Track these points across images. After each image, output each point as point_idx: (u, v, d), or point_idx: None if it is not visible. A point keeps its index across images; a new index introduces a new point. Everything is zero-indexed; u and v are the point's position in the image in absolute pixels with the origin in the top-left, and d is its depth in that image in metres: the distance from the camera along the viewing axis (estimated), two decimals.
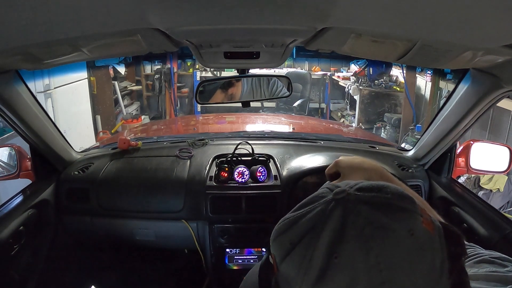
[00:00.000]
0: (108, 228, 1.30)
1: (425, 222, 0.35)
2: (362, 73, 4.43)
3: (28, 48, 0.68)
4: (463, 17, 0.53)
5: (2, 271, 1.04)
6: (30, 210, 1.14)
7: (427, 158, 1.33)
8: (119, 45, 0.78)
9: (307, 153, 1.36)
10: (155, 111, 5.14)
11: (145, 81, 5.12)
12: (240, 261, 1.25)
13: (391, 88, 4.29)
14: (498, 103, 1.03)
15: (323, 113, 5.25)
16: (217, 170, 1.28)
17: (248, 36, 0.76)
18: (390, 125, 4.08)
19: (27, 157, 1.29)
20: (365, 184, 0.38)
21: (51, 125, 1.20)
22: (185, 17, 0.59)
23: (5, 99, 0.98)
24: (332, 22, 0.62)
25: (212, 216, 1.23)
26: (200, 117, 3.63)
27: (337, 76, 5.07)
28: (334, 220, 0.35)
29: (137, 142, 1.45)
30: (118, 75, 4.54)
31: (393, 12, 0.55)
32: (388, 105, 4.34)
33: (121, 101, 4.54)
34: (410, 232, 0.34)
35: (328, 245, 0.34)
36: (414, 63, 0.87)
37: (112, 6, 0.52)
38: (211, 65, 1.01)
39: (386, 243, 0.33)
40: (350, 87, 4.42)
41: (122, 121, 4.41)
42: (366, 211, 0.35)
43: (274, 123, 2.46)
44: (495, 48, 0.66)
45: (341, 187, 0.38)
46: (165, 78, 4.98)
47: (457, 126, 1.12)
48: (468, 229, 1.10)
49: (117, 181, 1.29)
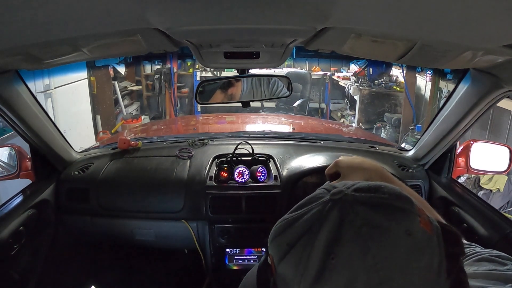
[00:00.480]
0: (108, 228, 1.30)
1: (423, 222, 0.35)
2: (362, 73, 4.44)
3: (28, 48, 0.68)
4: (463, 17, 0.53)
5: (2, 271, 1.04)
6: (30, 210, 1.14)
7: (427, 158, 1.33)
8: (119, 45, 0.78)
9: (307, 153, 1.36)
10: (155, 111, 5.14)
11: (145, 81, 5.12)
12: (240, 261, 1.25)
13: (391, 88, 4.29)
14: (498, 103, 1.03)
15: (323, 113, 5.25)
16: (217, 170, 1.28)
17: (248, 36, 0.76)
18: (390, 125, 4.08)
19: (27, 157, 1.29)
20: (362, 185, 0.38)
21: (51, 125, 1.20)
22: (185, 17, 0.59)
23: (5, 99, 0.98)
24: (332, 22, 0.62)
25: (212, 216, 1.23)
26: (200, 117, 3.63)
27: (337, 76, 5.07)
28: (331, 221, 0.35)
29: (137, 142, 1.45)
30: (118, 75, 4.54)
31: (393, 12, 0.55)
32: (388, 105, 4.34)
33: (121, 101, 4.54)
34: (407, 232, 0.34)
35: (325, 246, 0.34)
36: (414, 63, 0.87)
37: (112, 6, 0.52)
38: (211, 65, 1.01)
39: (383, 244, 0.33)
40: (350, 87, 4.43)
41: (122, 121, 4.41)
42: (363, 211, 0.35)
43: (274, 123, 2.46)
44: (495, 48, 0.66)
45: (338, 188, 0.38)
46: (165, 78, 4.98)
47: (457, 126, 1.12)
48: (468, 229, 1.10)
49: (117, 181, 1.29)
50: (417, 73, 3.98)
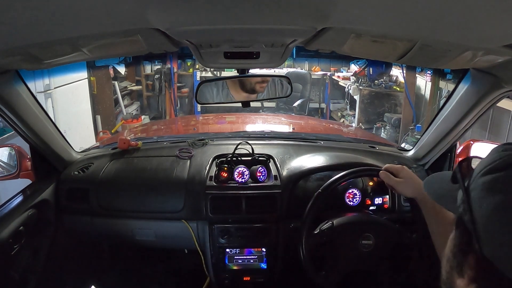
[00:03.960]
0: (108, 228, 1.30)
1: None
2: (362, 73, 4.43)
3: (28, 48, 0.68)
4: (463, 17, 0.53)
5: (2, 271, 1.04)
6: (30, 210, 1.14)
7: (427, 158, 1.33)
8: (119, 45, 0.78)
9: (307, 153, 1.36)
10: (155, 111, 5.14)
11: (145, 81, 5.11)
12: (240, 261, 1.25)
13: (391, 88, 4.28)
14: (498, 103, 1.03)
15: (323, 113, 5.22)
16: (217, 170, 1.28)
17: (248, 36, 0.76)
18: (390, 125, 4.08)
19: (27, 157, 1.29)
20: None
21: (51, 125, 1.20)
22: (185, 17, 0.59)
23: (5, 99, 0.98)
24: (332, 22, 0.62)
25: (212, 216, 1.23)
26: (200, 117, 3.63)
27: (337, 76, 5.05)
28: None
29: (137, 142, 1.45)
30: (118, 75, 4.51)
31: (393, 12, 0.55)
32: (388, 105, 4.34)
33: (121, 101, 4.53)
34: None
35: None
36: (414, 63, 0.87)
37: (112, 6, 0.52)
38: (211, 65, 1.01)
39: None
40: (350, 87, 4.41)
41: (122, 121, 4.40)
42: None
43: (274, 123, 2.46)
44: (495, 48, 0.66)
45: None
46: (165, 78, 4.96)
47: (457, 126, 1.12)
48: None
49: (117, 181, 1.29)
50: (417, 73, 3.97)
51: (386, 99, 4.36)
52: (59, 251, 1.30)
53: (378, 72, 4.33)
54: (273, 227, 1.23)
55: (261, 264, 1.25)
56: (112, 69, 4.35)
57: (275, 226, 1.23)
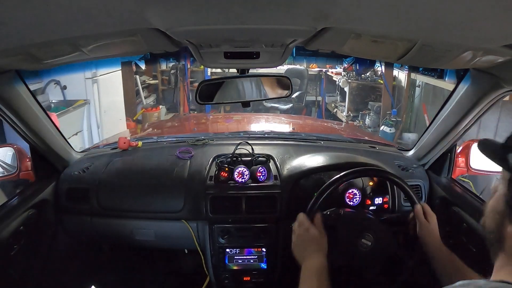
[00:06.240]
0: (108, 228, 1.30)
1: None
2: (350, 69, 5.11)
3: (28, 48, 0.68)
4: (463, 17, 0.53)
5: (2, 271, 1.04)
6: (30, 210, 1.14)
7: (427, 158, 1.33)
8: (119, 45, 0.78)
9: (307, 153, 1.36)
10: (170, 102, 5.77)
11: (160, 76, 5.83)
12: (240, 261, 1.25)
13: (375, 81, 4.94)
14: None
15: (319, 105, 5.93)
16: (217, 170, 1.28)
17: (248, 36, 0.76)
18: (373, 111, 4.76)
19: (27, 157, 1.29)
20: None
21: (51, 125, 1.20)
22: (185, 17, 0.59)
23: (5, 99, 0.98)
24: (332, 22, 0.62)
25: (212, 216, 1.23)
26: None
27: (331, 72, 5.70)
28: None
29: (137, 142, 1.45)
30: (139, 70, 5.15)
31: (393, 12, 0.55)
32: (374, 95, 4.98)
33: (141, 93, 5.15)
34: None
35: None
36: (414, 63, 0.87)
37: (112, 6, 0.52)
38: (211, 65, 1.01)
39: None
40: (340, 81, 5.14)
41: (142, 109, 4.99)
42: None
43: (274, 123, 2.46)
44: (495, 48, 0.66)
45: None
46: (180, 73, 5.59)
47: (457, 126, 1.12)
48: (468, 229, 1.10)
49: (117, 181, 1.29)
50: (396, 68, 4.66)
51: (372, 90, 5.00)
52: (59, 251, 1.30)
53: (364, 67, 5.00)
54: (273, 227, 1.23)
55: (261, 264, 1.25)
56: (135, 65, 4.90)
57: (275, 226, 1.23)
